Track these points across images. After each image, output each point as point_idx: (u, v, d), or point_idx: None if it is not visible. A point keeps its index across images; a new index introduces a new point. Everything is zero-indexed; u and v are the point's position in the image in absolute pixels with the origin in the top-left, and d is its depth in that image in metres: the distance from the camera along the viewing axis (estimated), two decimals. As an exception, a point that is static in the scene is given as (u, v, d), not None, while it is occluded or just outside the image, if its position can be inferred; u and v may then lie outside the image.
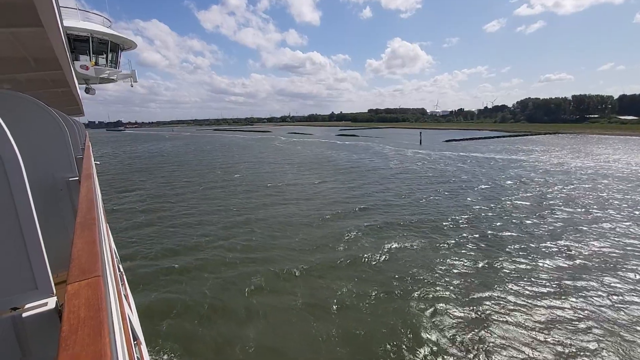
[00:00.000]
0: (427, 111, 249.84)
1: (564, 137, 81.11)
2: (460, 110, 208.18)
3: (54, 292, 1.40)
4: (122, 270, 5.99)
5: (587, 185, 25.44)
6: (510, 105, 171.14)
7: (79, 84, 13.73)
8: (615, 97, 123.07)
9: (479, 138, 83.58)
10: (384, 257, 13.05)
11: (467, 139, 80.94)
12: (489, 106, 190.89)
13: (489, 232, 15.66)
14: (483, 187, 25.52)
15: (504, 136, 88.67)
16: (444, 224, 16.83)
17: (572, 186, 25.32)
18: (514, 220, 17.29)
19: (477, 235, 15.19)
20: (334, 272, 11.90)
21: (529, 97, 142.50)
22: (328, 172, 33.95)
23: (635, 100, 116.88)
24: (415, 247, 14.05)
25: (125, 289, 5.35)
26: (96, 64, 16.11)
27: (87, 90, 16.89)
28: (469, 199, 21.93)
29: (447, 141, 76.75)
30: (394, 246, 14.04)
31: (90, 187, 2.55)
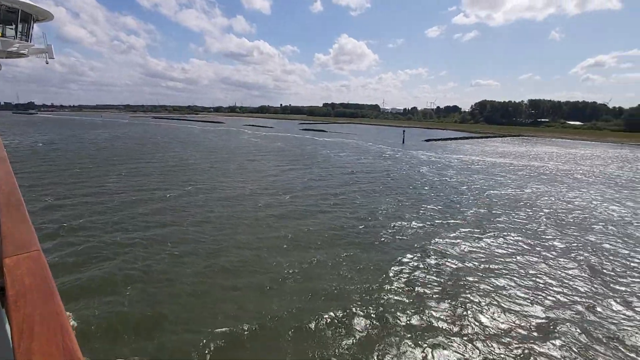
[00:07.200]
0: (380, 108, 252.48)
1: (530, 140, 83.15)
2: (414, 108, 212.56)
3: None
4: None
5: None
6: (453, 105, 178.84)
7: None
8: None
9: (455, 138, 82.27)
10: None
11: (444, 139, 79.12)
12: (430, 106, 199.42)
13: None
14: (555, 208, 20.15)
15: (474, 137, 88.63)
16: None
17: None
18: None
19: None
20: None
21: (486, 99, 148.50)
22: (367, 183, 26.25)
23: (578, 107, 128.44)
24: None
25: None
26: (3, 35, 14.54)
27: None
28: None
29: (427, 140, 73.87)
30: None
31: (9, 170, 2.50)
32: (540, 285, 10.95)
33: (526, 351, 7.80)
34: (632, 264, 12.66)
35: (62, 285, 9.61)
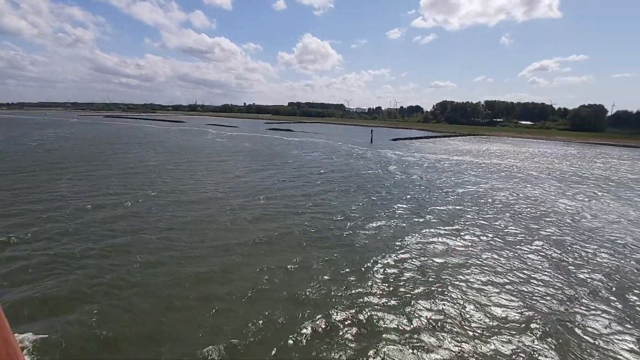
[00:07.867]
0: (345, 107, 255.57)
1: (488, 139, 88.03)
2: (378, 108, 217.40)
3: None
4: None
5: None
6: (416, 105, 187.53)
7: None
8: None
9: (420, 137, 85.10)
10: None
11: (410, 138, 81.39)
12: (394, 106, 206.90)
13: None
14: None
15: (438, 136, 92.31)
16: None
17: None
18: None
19: None
20: None
21: (446, 100, 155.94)
22: (351, 187, 26.07)
23: (528, 108, 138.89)
24: None
25: None
26: None
27: None
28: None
29: (394, 140, 75.55)
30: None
31: None
32: (520, 280, 11.30)
33: (518, 347, 7.90)
34: (591, 255, 13.51)
35: (12, 306, 8.38)
